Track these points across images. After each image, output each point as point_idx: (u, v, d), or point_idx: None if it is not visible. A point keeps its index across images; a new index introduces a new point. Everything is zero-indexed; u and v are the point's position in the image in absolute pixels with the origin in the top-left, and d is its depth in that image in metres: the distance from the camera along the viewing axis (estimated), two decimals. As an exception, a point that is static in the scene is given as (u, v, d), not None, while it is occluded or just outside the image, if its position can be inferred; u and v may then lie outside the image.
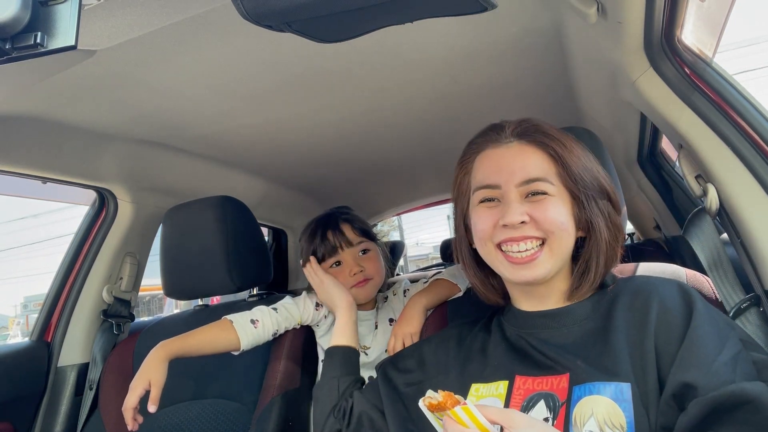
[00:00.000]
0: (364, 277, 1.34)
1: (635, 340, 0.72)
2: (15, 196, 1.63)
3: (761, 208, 0.80)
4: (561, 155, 0.80)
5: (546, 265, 0.79)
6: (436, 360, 0.91)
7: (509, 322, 0.88)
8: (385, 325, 1.39)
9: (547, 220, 0.78)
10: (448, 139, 1.72)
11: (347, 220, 1.38)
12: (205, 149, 1.65)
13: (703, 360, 0.66)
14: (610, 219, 0.82)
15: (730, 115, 0.84)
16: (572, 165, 0.80)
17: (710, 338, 0.68)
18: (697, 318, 0.70)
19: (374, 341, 1.38)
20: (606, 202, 0.82)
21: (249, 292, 1.72)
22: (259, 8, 0.58)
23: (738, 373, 0.65)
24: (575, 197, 0.80)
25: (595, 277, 0.80)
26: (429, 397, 0.67)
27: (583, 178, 0.80)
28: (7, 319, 18.27)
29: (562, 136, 0.83)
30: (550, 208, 0.78)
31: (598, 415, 0.68)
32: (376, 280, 1.37)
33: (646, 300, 0.75)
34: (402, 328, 1.18)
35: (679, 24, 0.86)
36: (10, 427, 1.44)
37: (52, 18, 0.50)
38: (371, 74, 1.26)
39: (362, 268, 1.34)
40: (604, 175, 0.84)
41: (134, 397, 1.07)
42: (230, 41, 1.03)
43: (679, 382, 0.66)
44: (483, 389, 0.81)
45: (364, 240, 1.37)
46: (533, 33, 1.13)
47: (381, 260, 1.40)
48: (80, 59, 0.99)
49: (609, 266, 0.82)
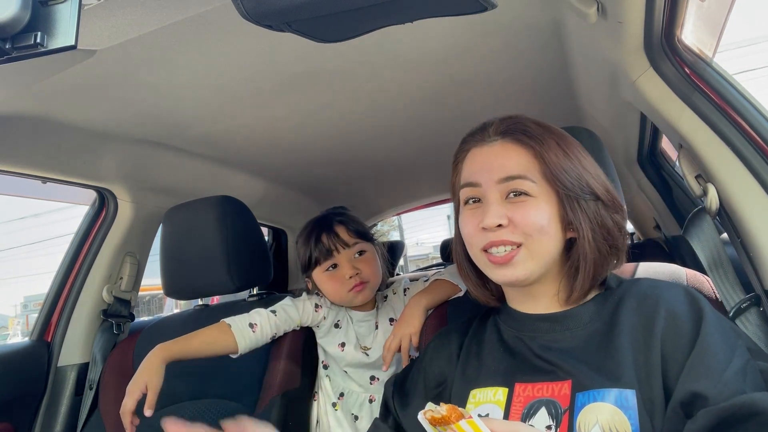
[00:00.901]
0: (360, 280, 1.31)
1: (640, 345, 0.71)
2: (15, 196, 1.63)
3: (761, 208, 0.80)
4: (539, 152, 0.78)
5: (526, 266, 0.77)
6: (441, 371, 0.90)
7: (506, 323, 0.86)
8: (386, 325, 1.38)
9: (526, 223, 0.76)
10: (448, 138, 1.71)
11: (341, 222, 1.35)
12: (205, 149, 1.65)
13: (714, 369, 0.65)
14: (598, 221, 0.78)
15: (730, 115, 0.84)
16: (550, 163, 0.77)
17: (720, 347, 0.67)
18: (706, 325, 0.69)
19: (375, 341, 1.37)
20: (596, 203, 0.78)
21: (249, 292, 1.72)
22: (259, 8, 0.58)
23: (748, 383, 0.64)
24: (561, 197, 0.78)
25: (584, 280, 0.78)
26: (430, 410, 0.63)
27: (562, 177, 0.77)
28: (7, 319, 18.28)
29: (544, 133, 0.80)
30: (530, 210, 0.77)
31: (602, 422, 0.67)
32: (373, 282, 1.35)
33: (653, 305, 0.74)
34: (402, 328, 1.17)
35: (679, 24, 0.86)
36: (10, 427, 1.43)
37: (52, 18, 0.50)
38: (371, 74, 1.26)
39: (358, 270, 1.31)
40: (594, 174, 0.80)
41: (131, 401, 1.07)
42: (230, 41, 1.03)
43: (688, 391, 0.65)
44: (480, 395, 0.80)
45: (360, 241, 1.35)
46: (533, 33, 1.13)
47: (378, 261, 1.38)
48: (80, 59, 0.99)
49: (600, 270, 0.79)
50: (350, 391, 1.37)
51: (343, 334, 1.38)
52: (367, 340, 1.38)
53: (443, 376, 0.88)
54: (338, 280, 1.31)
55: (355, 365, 1.37)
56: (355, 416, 1.35)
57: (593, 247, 0.77)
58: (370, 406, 1.35)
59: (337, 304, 1.37)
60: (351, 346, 1.36)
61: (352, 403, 1.36)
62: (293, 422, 1.30)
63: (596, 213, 0.78)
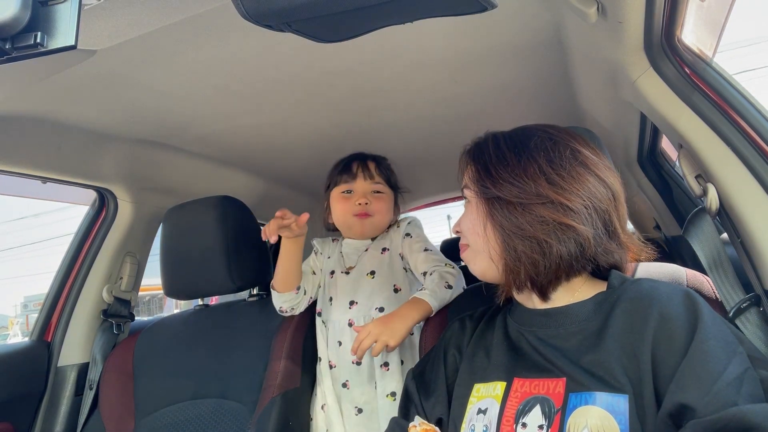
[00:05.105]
0: (367, 211, 1.40)
1: (630, 348, 0.69)
2: (15, 196, 1.63)
3: (761, 208, 0.80)
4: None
5: (476, 263, 0.86)
6: (454, 359, 0.91)
7: (513, 318, 0.87)
8: (377, 251, 1.44)
9: (460, 227, 0.90)
10: (449, 138, 1.72)
11: (376, 161, 1.46)
12: (205, 149, 1.65)
13: (705, 379, 0.62)
14: (509, 230, 0.79)
15: (730, 115, 0.84)
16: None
17: (715, 354, 0.63)
18: (702, 331, 0.65)
19: (359, 260, 1.44)
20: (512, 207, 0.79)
21: (249, 292, 1.72)
22: (259, 8, 0.58)
23: (742, 395, 0.60)
24: None
25: (519, 282, 0.81)
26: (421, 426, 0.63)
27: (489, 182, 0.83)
28: (7, 319, 18.27)
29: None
30: (464, 215, 0.90)
31: (592, 426, 0.66)
32: (377, 219, 1.42)
33: (647, 307, 0.71)
34: (383, 333, 1.16)
35: (679, 24, 0.86)
36: (10, 427, 1.44)
37: (52, 18, 0.50)
38: (371, 74, 1.26)
39: (369, 202, 1.40)
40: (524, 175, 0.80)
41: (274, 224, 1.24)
42: (230, 41, 1.03)
43: (676, 402, 0.62)
44: (483, 389, 0.81)
45: (383, 183, 1.44)
46: (533, 32, 1.13)
47: (390, 208, 1.45)
48: (80, 59, 0.99)
49: (533, 276, 0.79)
50: (332, 321, 1.41)
51: (333, 262, 1.47)
52: (352, 260, 1.45)
53: (455, 365, 0.90)
54: (349, 202, 1.41)
55: (338, 288, 1.43)
56: (339, 342, 1.38)
57: (511, 250, 0.81)
58: (350, 330, 1.36)
59: (339, 229, 1.47)
60: (338, 271, 1.44)
61: (336, 329, 1.40)
62: (293, 422, 1.30)
63: (509, 217, 0.83)
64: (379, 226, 1.44)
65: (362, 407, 1.35)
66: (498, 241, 0.81)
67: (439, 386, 0.89)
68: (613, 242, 0.80)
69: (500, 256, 0.81)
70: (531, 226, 0.77)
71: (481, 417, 0.78)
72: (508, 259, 0.80)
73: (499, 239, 0.80)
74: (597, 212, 0.78)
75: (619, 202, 0.82)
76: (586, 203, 0.77)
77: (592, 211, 0.77)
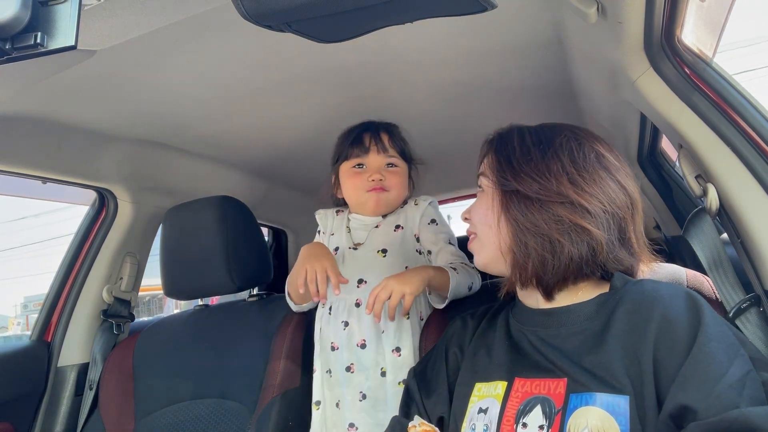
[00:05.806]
0: (381, 186, 1.29)
1: (631, 349, 0.69)
2: (15, 196, 1.63)
3: (761, 208, 0.80)
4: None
5: (482, 254, 0.87)
6: (455, 357, 0.91)
7: (515, 317, 0.87)
8: (389, 228, 1.33)
9: (470, 215, 0.90)
10: (449, 138, 1.72)
11: (389, 131, 1.34)
12: (205, 149, 1.65)
13: (706, 381, 0.61)
14: (523, 225, 0.78)
15: (730, 115, 0.84)
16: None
17: (717, 356, 0.63)
18: (704, 333, 0.65)
19: (368, 238, 1.32)
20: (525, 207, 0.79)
21: (249, 292, 1.72)
22: (259, 8, 0.58)
23: (744, 397, 0.60)
24: None
25: (525, 279, 0.80)
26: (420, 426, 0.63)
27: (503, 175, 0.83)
28: (7, 319, 18.27)
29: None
30: (476, 203, 0.90)
31: (592, 427, 0.66)
32: (392, 195, 1.32)
33: (648, 308, 0.71)
34: (398, 284, 1.09)
35: (679, 24, 0.86)
36: (10, 427, 1.44)
37: (52, 18, 0.50)
38: (371, 74, 1.26)
39: (383, 177, 1.29)
40: (537, 176, 0.79)
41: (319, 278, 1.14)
42: (230, 41, 1.03)
43: (677, 403, 0.62)
44: (484, 389, 0.81)
45: (397, 156, 1.33)
46: (533, 33, 1.13)
47: (405, 182, 1.35)
48: (80, 59, 0.99)
49: (540, 274, 0.79)
50: (337, 300, 1.29)
51: (338, 238, 1.36)
52: (361, 236, 1.34)
53: (457, 364, 0.90)
54: (361, 177, 1.30)
55: (344, 265, 1.31)
56: (345, 323, 1.27)
57: (522, 247, 0.81)
58: (358, 310, 1.26)
59: (349, 205, 1.37)
60: (344, 246, 1.33)
61: (342, 309, 1.29)
62: (293, 422, 1.30)
63: (524, 217, 0.83)
64: (394, 203, 1.35)
65: (366, 393, 1.25)
66: (509, 234, 0.80)
67: (441, 385, 0.89)
68: (624, 250, 0.79)
69: (509, 250, 0.81)
70: (546, 224, 0.77)
71: (482, 416, 0.78)
72: (517, 253, 0.80)
73: (510, 233, 0.80)
74: (614, 218, 0.78)
75: (637, 211, 0.82)
76: (604, 207, 0.77)
77: (610, 216, 0.77)
